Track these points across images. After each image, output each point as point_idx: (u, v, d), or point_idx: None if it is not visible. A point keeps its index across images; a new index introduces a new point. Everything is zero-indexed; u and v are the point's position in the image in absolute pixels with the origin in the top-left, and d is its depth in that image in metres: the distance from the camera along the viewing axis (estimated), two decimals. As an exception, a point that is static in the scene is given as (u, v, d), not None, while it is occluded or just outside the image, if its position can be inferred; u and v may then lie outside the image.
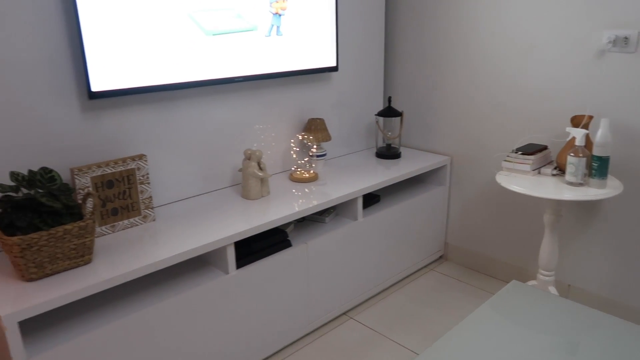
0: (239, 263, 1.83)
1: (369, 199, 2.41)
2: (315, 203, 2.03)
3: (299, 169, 2.36)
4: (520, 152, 2.09)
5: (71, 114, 1.72)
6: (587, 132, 1.95)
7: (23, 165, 1.65)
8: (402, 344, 2.11)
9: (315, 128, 2.41)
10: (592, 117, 2.00)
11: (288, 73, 2.27)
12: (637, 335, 1.40)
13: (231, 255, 1.77)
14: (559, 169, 2.09)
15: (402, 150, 2.83)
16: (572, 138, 2.00)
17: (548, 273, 2.13)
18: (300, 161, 2.42)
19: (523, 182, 2.01)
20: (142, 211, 1.82)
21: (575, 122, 2.02)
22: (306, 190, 2.20)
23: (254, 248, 1.88)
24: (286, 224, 2.13)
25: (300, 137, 2.32)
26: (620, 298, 2.22)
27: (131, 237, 1.73)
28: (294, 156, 2.37)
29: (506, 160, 2.13)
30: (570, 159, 1.93)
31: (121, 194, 1.76)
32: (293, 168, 2.40)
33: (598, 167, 1.90)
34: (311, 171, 2.35)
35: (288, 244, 2.00)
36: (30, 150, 1.65)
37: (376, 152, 2.72)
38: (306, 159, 2.37)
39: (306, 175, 2.31)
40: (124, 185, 1.76)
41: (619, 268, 2.19)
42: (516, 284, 1.82)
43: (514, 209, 2.49)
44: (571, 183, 1.95)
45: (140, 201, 1.81)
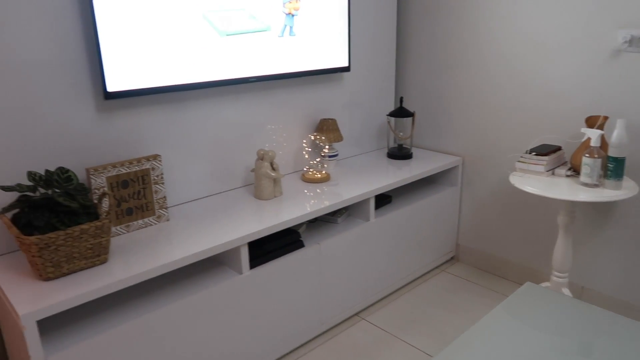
0: (252, 263, 1.83)
1: (381, 200, 2.41)
2: (327, 203, 2.03)
3: (311, 170, 2.36)
4: (534, 153, 2.08)
5: (87, 114, 1.73)
6: (603, 133, 1.93)
7: (40, 165, 1.66)
8: (415, 345, 2.11)
9: (327, 128, 2.40)
10: (608, 118, 1.99)
11: (301, 73, 2.27)
12: (656, 338, 1.39)
13: (245, 255, 1.78)
14: (574, 170, 2.08)
15: (414, 150, 2.83)
16: (587, 139, 1.98)
17: (562, 275, 2.12)
18: (312, 161, 2.42)
19: (537, 183, 2.00)
20: (157, 211, 1.83)
21: (590, 123, 2.00)
22: (318, 190, 2.19)
23: (267, 248, 1.88)
24: (298, 225, 2.13)
25: (312, 138, 2.31)
26: (635, 300, 2.20)
27: (146, 237, 1.74)
28: (306, 156, 2.37)
29: (520, 161, 2.12)
30: (585, 160, 1.91)
31: (136, 194, 1.77)
32: (305, 168, 2.40)
33: (614, 168, 1.88)
34: (323, 171, 2.34)
35: (301, 245, 2.00)
36: (46, 150, 1.66)
37: (388, 153, 2.71)
38: (318, 160, 2.37)
39: (318, 175, 2.31)
40: (139, 185, 1.77)
41: (634, 270, 2.17)
42: (530, 286, 1.81)
43: (527, 210, 2.47)
44: (586, 184, 1.94)
45: (154, 201, 1.82)
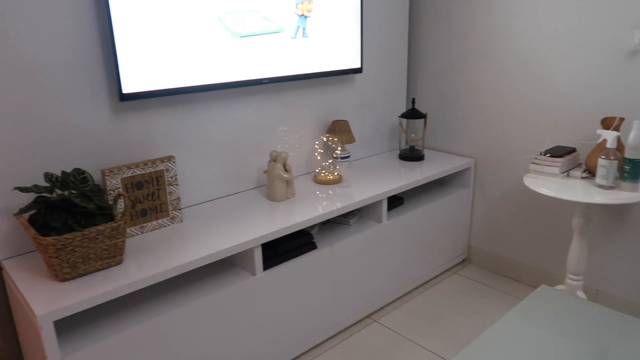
0: (266, 265, 1.83)
1: (393, 201, 2.40)
2: (339, 205, 2.02)
3: (323, 171, 2.35)
4: (548, 155, 2.07)
5: (102, 116, 1.73)
6: (619, 135, 1.91)
7: (56, 166, 1.67)
8: (428, 348, 2.10)
9: (339, 130, 2.40)
10: (624, 119, 1.97)
11: (313, 75, 2.27)
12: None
13: (258, 257, 1.78)
14: (589, 172, 2.06)
15: (426, 152, 2.82)
16: (603, 140, 1.97)
17: (576, 277, 2.10)
18: (324, 163, 2.41)
19: (552, 185, 1.99)
20: (170, 212, 1.83)
21: (605, 124, 1.98)
22: (330, 192, 2.19)
23: (281, 250, 1.88)
24: (311, 226, 2.13)
25: (324, 139, 2.31)
26: (650, 304, 2.18)
27: (160, 238, 1.74)
28: (319, 158, 2.37)
29: (534, 162, 2.10)
30: (601, 162, 1.89)
31: (150, 195, 1.78)
32: (317, 170, 2.40)
33: (630, 170, 1.86)
34: (335, 173, 2.34)
35: (313, 246, 2.00)
36: (62, 151, 1.67)
37: (399, 154, 2.70)
38: (330, 161, 2.37)
39: (330, 177, 2.30)
40: (153, 186, 1.78)
41: (650, 273, 2.15)
42: (545, 289, 1.79)
43: (540, 212, 2.45)
44: (602, 186, 1.92)
45: (168, 202, 1.82)
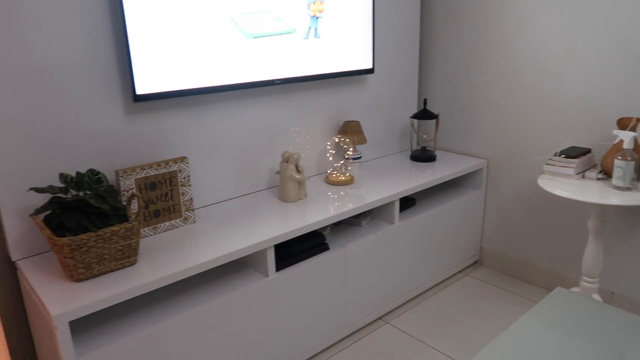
0: (278, 266, 1.83)
1: (405, 202, 2.38)
2: (352, 206, 2.01)
3: (335, 172, 2.35)
4: (563, 155, 2.04)
5: (116, 117, 1.74)
6: (636, 135, 1.89)
7: (70, 166, 1.67)
8: (440, 350, 2.08)
9: (351, 130, 2.39)
10: (640, 120, 1.94)
11: (325, 75, 2.27)
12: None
13: (271, 258, 1.77)
14: (604, 173, 2.03)
15: (437, 153, 2.80)
16: (620, 141, 1.94)
17: (592, 280, 2.07)
18: (336, 164, 2.40)
19: (567, 186, 1.96)
20: (183, 213, 1.83)
21: (622, 125, 1.96)
22: (342, 193, 2.18)
23: (293, 251, 1.87)
24: (323, 227, 2.12)
25: (336, 140, 2.30)
26: (667, 307, 2.15)
27: (173, 239, 1.74)
28: (330, 159, 2.36)
29: (548, 163, 2.08)
30: (617, 163, 1.87)
31: (163, 196, 1.78)
32: (329, 171, 2.39)
33: (647, 171, 1.84)
34: (347, 174, 2.33)
35: (326, 247, 1.99)
36: (76, 152, 1.67)
37: (411, 155, 2.69)
38: (342, 162, 2.36)
39: (342, 178, 2.29)
40: (166, 187, 1.78)
41: (667, 275, 2.12)
42: (561, 291, 1.77)
43: (554, 214, 2.43)
44: (618, 187, 1.89)
45: (181, 203, 1.82)
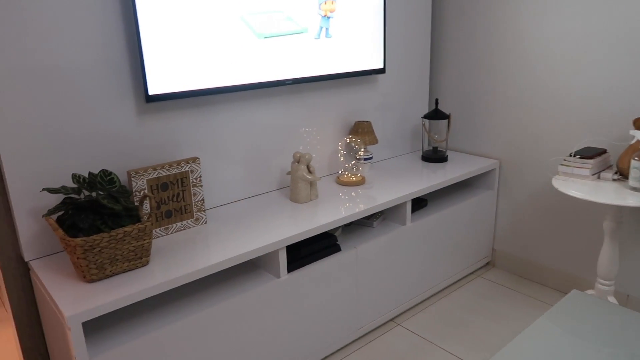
0: (290, 267, 1.82)
1: (416, 203, 2.37)
2: (363, 207, 2.00)
3: (346, 172, 2.33)
4: (578, 156, 2.02)
5: (128, 117, 1.74)
6: (653, 135, 1.86)
7: (83, 167, 1.67)
8: (452, 352, 2.06)
9: (362, 131, 2.38)
10: (658, 120, 1.91)
11: (337, 75, 2.25)
12: None
13: (283, 259, 1.76)
14: (620, 174, 2.00)
15: (449, 153, 2.78)
16: (636, 141, 1.91)
17: (607, 282, 2.04)
18: (347, 164, 2.39)
19: (582, 187, 1.94)
20: (195, 214, 1.83)
21: (638, 125, 1.93)
22: (353, 193, 2.17)
23: (305, 252, 1.86)
24: (334, 228, 2.11)
25: (347, 140, 2.29)
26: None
27: (185, 240, 1.74)
28: (342, 159, 2.35)
29: (563, 164, 2.05)
30: (634, 163, 1.84)
31: (175, 197, 1.77)
32: (340, 171, 2.38)
33: (665, 172, 1.81)
34: (358, 174, 2.32)
35: (337, 249, 1.98)
36: (89, 152, 1.67)
37: (422, 156, 2.67)
38: (353, 162, 2.34)
39: (353, 178, 2.28)
40: (178, 187, 1.78)
41: (684, 278, 2.08)
42: (576, 294, 1.74)
43: (568, 215, 2.40)
44: (635, 188, 1.86)
45: (193, 204, 1.82)
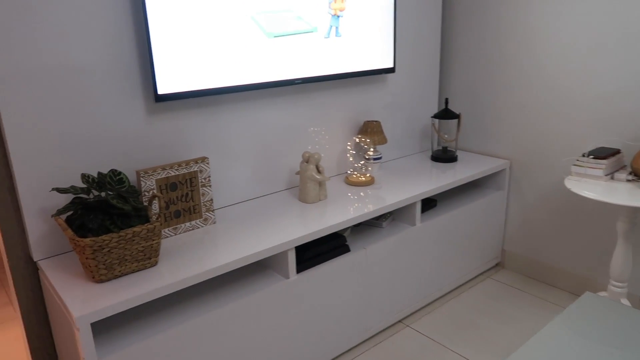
0: (299, 267, 1.80)
1: (426, 203, 2.35)
2: (372, 208, 1.98)
3: (355, 172, 2.32)
4: (591, 156, 1.99)
5: (137, 117, 1.73)
6: (668, 136, 1.83)
7: (92, 167, 1.67)
8: (462, 354, 2.04)
9: (371, 130, 2.36)
10: (673, 120, 1.88)
11: (346, 75, 2.23)
12: None
13: (292, 260, 1.75)
14: (634, 174, 1.97)
15: (459, 153, 2.75)
16: (651, 141, 1.88)
17: (620, 284, 2.01)
18: (356, 164, 2.37)
19: (595, 188, 1.91)
20: (204, 214, 1.82)
21: (653, 125, 1.90)
22: (362, 194, 2.15)
23: (314, 253, 1.84)
24: (343, 229, 2.09)
25: (357, 140, 2.27)
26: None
27: (194, 240, 1.73)
28: (351, 159, 2.33)
29: (576, 164, 2.02)
30: (649, 164, 1.81)
31: (184, 197, 1.77)
32: (349, 171, 2.36)
33: (681, 173, 1.78)
34: (367, 174, 2.30)
35: (347, 249, 1.96)
36: (98, 152, 1.67)
37: (432, 156, 2.64)
38: (362, 162, 2.33)
39: (362, 178, 2.26)
40: (187, 187, 1.77)
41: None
42: (590, 296, 1.72)
43: (580, 216, 2.37)
44: (650, 189, 1.84)
45: (202, 204, 1.81)
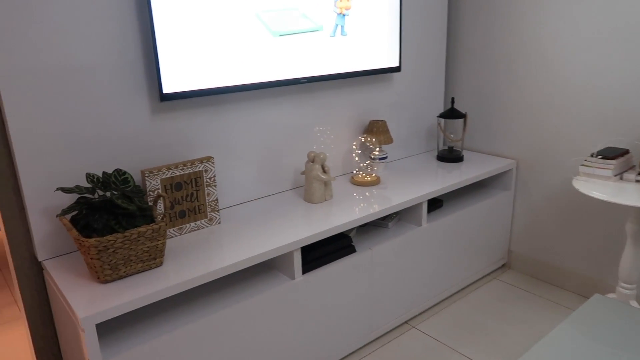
0: (304, 268, 1.79)
1: (432, 204, 2.33)
2: (378, 208, 1.96)
3: (361, 172, 2.30)
4: (600, 156, 1.97)
5: (142, 116, 1.72)
6: (679, 136, 1.81)
7: (96, 166, 1.65)
8: (468, 356, 2.02)
9: (377, 130, 2.34)
10: (683, 119, 1.86)
11: (352, 74, 2.22)
12: None
13: (298, 260, 1.73)
14: (644, 175, 1.95)
15: (465, 153, 2.73)
16: (661, 142, 1.86)
17: (629, 286, 1.99)
18: (361, 164, 2.36)
19: (604, 189, 1.89)
20: (209, 214, 1.81)
21: (663, 125, 1.87)
22: (367, 194, 2.13)
23: (319, 253, 1.83)
24: (349, 229, 2.08)
25: (362, 140, 2.26)
26: None
27: (199, 240, 1.72)
28: (356, 159, 2.32)
29: (584, 164, 2.00)
30: (659, 165, 1.79)
31: (189, 196, 1.75)
32: (355, 171, 2.34)
33: (691, 174, 1.75)
34: (373, 174, 2.28)
35: (352, 250, 1.94)
36: (103, 152, 1.66)
37: (437, 155, 2.62)
38: (367, 162, 2.31)
39: (368, 178, 2.25)
40: (192, 187, 1.75)
41: None
42: (599, 298, 1.70)
43: (588, 217, 2.34)
44: (660, 190, 1.81)
45: (207, 204, 1.79)
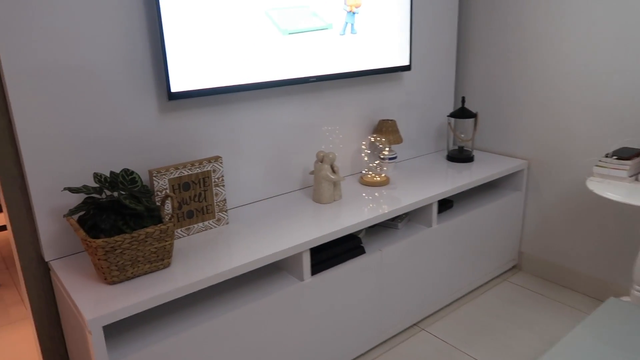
0: (313, 269, 1.77)
1: (442, 204, 2.30)
2: (388, 209, 1.93)
3: (370, 172, 2.27)
4: (615, 157, 1.93)
5: (150, 115, 1.70)
6: (697, 136, 1.76)
7: (104, 166, 1.64)
8: (478, 359, 1.99)
9: (386, 130, 2.31)
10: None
11: (362, 72, 2.19)
12: None
13: (307, 261, 1.71)
14: (660, 176, 1.91)
15: (475, 153, 2.69)
16: (678, 142, 1.82)
17: (645, 289, 1.95)
18: (371, 164, 2.33)
19: (619, 190, 1.85)
20: (217, 214, 1.79)
21: (680, 125, 1.83)
22: (377, 194, 2.11)
23: (329, 254, 1.81)
24: (358, 230, 2.05)
25: (372, 139, 2.23)
26: None
27: (207, 241, 1.70)
28: (366, 159, 2.29)
29: (599, 165, 1.96)
30: (676, 165, 1.75)
31: (197, 196, 1.73)
32: (364, 171, 2.32)
33: None
34: (382, 174, 2.25)
35: (362, 251, 1.92)
36: (111, 151, 1.64)
37: (447, 155, 2.59)
38: (377, 162, 2.28)
39: (377, 178, 2.22)
40: (200, 187, 1.73)
41: None
42: (614, 302, 1.66)
43: (601, 218, 2.30)
44: (677, 191, 1.77)
45: (215, 204, 1.77)
